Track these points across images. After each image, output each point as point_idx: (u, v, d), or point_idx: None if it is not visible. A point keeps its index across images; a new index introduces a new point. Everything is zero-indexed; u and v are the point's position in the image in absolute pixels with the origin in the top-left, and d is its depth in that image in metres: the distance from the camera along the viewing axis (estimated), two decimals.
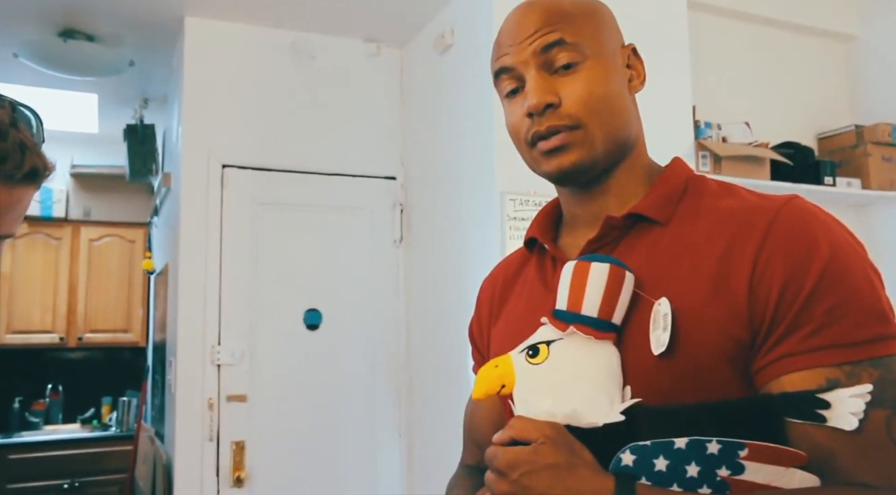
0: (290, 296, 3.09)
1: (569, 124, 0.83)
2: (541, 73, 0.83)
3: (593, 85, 0.83)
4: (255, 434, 2.95)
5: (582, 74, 0.83)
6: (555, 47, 0.83)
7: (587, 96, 0.82)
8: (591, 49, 0.84)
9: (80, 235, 4.71)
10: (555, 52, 0.83)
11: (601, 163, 0.86)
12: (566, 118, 0.83)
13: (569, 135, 0.83)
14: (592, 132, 0.83)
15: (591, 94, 0.82)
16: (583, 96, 0.82)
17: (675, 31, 2.83)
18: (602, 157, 0.85)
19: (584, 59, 0.83)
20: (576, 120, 0.83)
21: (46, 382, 4.75)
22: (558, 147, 0.84)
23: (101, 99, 4.07)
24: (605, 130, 0.84)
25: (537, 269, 0.95)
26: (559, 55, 0.83)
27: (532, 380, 0.75)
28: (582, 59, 0.83)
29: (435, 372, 2.99)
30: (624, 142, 0.87)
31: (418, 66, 3.26)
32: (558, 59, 0.83)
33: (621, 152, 0.87)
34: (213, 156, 3.04)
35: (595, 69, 0.83)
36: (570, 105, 0.82)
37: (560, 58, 0.83)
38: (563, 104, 0.83)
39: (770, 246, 0.74)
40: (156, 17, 3.05)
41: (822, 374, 0.70)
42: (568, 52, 0.83)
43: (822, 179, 3.06)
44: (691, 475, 0.68)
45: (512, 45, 0.86)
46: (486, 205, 2.60)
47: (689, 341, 0.74)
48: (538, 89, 0.83)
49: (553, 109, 0.83)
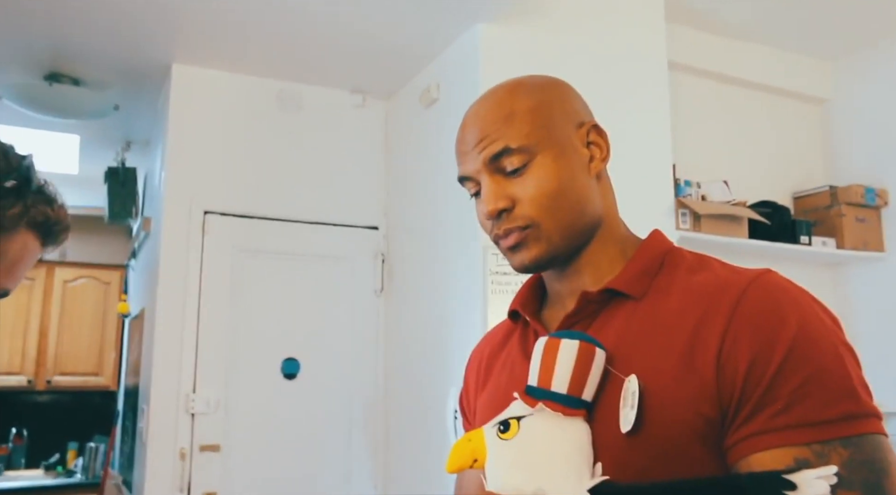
0: (267, 345, 3.06)
1: (523, 225, 0.86)
2: (494, 178, 0.87)
3: (543, 183, 0.85)
4: (229, 485, 2.89)
5: (531, 174, 0.85)
6: (502, 156, 0.86)
7: (538, 196, 0.85)
8: (539, 145, 0.86)
9: (55, 275, 4.66)
10: (503, 159, 0.86)
11: (562, 252, 0.88)
12: (520, 219, 0.86)
13: (521, 235, 0.86)
14: (547, 228, 0.86)
15: (542, 193, 0.85)
16: (534, 197, 0.85)
17: (656, 91, 2.90)
18: (563, 248, 0.87)
19: (533, 157, 0.86)
20: (528, 220, 0.86)
21: (10, 426, 4.63)
22: (515, 245, 0.87)
23: (83, 140, 4.07)
24: (560, 224, 0.86)
25: (520, 341, 0.95)
26: (507, 161, 0.86)
27: (502, 456, 0.74)
28: (530, 159, 0.86)
29: (413, 424, 2.96)
30: (585, 227, 0.89)
31: (403, 118, 3.30)
32: (508, 164, 0.86)
33: (585, 235, 0.89)
34: (195, 201, 3.03)
35: (543, 167, 0.86)
36: (523, 207, 0.86)
37: (509, 163, 0.86)
38: (517, 207, 0.86)
39: (737, 322, 0.75)
40: (143, 62, 3.08)
41: (789, 454, 0.70)
42: (514, 156, 0.85)
43: (798, 238, 3.11)
44: None
45: (465, 154, 0.90)
46: (468, 258, 2.61)
47: (658, 419, 0.74)
48: (491, 196, 0.86)
49: (508, 212, 0.86)
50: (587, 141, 0.90)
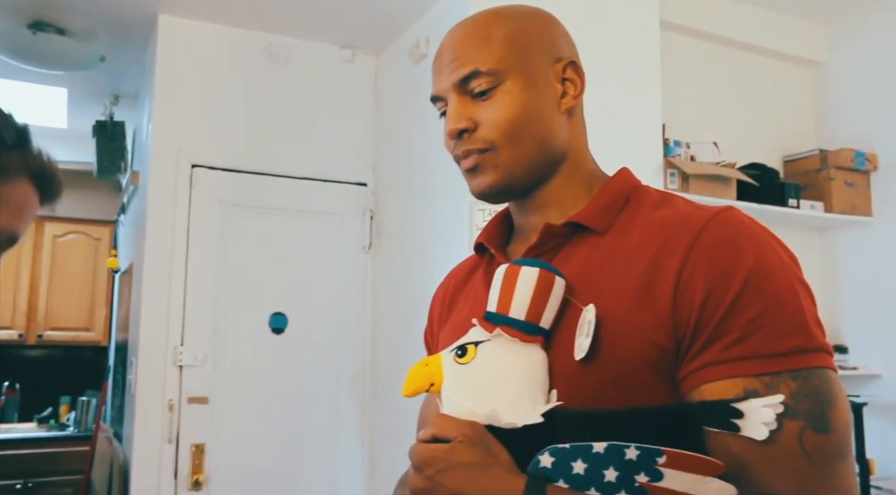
0: (255, 299, 3.07)
1: (481, 147, 0.87)
2: (461, 99, 0.87)
3: (507, 109, 0.85)
4: (216, 437, 2.93)
5: (497, 99, 0.86)
6: (471, 78, 0.86)
7: (500, 121, 0.85)
8: (510, 72, 0.86)
9: (45, 231, 4.65)
10: (471, 82, 0.86)
11: (518, 182, 0.88)
12: (479, 142, 0.87)
13: (479, 157, 0.87)
14: (504, 154, 0.86)
15: (504, 118, 0.85)
16: (496, 121, 0.85)
17: (648, 50, 2.87)
18: (518, 178, 0.88)
19: (501, 82, 0.86)
20: (488, 143, 0.86)
21: (3, 380, 4.67)
22: (472, 168, 0.88)
23: (70, 94, 4.03)
24: (519, 151, 0.86)
25: (484, 274, 0.96)
26: (475, 83, 0.86)
27: (458, 380, 0.76)
28: (498, 83, 0.86)
29: (399, 379, 2.96)
30: (546, 161, 0.89)
31: (393, 73, 3.27)
32: (475, 86, 0.86)
33: (545, 168, 0.89)
34: (182, 155, 3.02)
35: (510, 93, 0.86)
36: (484, 130, 0.86)
37: (477, 85, 0.86)
38: (479, 129, 0.86)
39: (695, 255, 0.75)
40: (129, 13, 3.04)
41: (740, 384, 0.71)
42: (483, 79, 0.86)
43: (786, 201, 3.11)
44: (609, 480, 0.68)
45: (438, 72, 0.91)
46: (455, 214, 2.61)
47: (612, 348, 0.75)
48: (453, 115, 0.87)
49: (469, 133, 0.87)
50: (563, 76, 0.90)
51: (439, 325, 1.03)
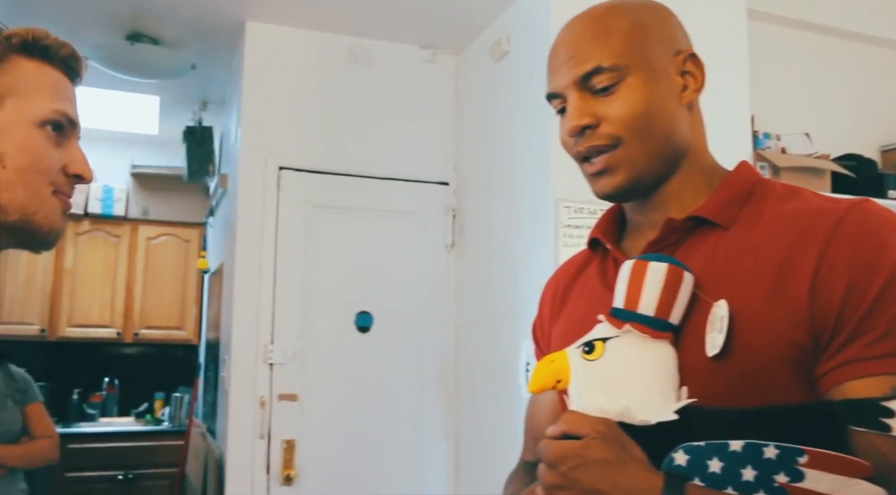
0: (341, 298, 3.13)
1: (608, 144, 0.85)
2: (582, 95, 0.86)
3: (631, 104, 0.84)
4: (305, 433, 2.99)
5: (620, 94, 0.84)
6: (592, 75, 0.85)
7: (625, 116, 0.84)
8: (632, 66, 0.85)
9: (139, 233, 4.84)
10: (593, 78, 0.85)
11: (646, 180, 0.87)
12: (604, 138, 0.85)
13: (610, 157, 0.85)
14: (632, 151, 0.85)
15: (628, 113, 0.84)
16: (620, 116, 0.84)
17: (735, 41, 2.79)
18: (647, 175, 0.86)
19: (624, 77, 0.84)
20: (613, 139, 0.85)
21: (103, 376, 4.89)
22: (602, 171, 0.86)
23: (162, 101, 4.20)
24: (644, 147, 0.85)
25: (598, 269, 0.95)
26: (597, 79, 0.85)
27: (586, 376, 0.75)
28: (621, 79, 0.84)
29: (484, 378, 2.99)
30: (671, 155, 0.87)
31: (473, 72, 3.28)
32: (597, 83, 0.85)
33: (670, 164, 0.87)
34: (270, 158, 3.10)
35: (634, 87, 0.84)
36: (608, 126, 0.85)
37: (599, 81, 0.85)
38: (602, 125, 0.85)
39: (834, 249, 0.73)
40: (218, 21, 3.14)
41: (887, 382, 0.68)
42: (605, 75, 0.84)
43: (885, 192, 2.97)
44: (747, 479, 0.67)
45: (555, 69, 0.89)
46: (540, 212, 2.60)
47: (746, 344, 0.73)
48: (576, 112, 0.86)
49: (592, 130, 0.85)
50: (682, 69, 0.89)
51: (550, 320, 1.03)
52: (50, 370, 4.64)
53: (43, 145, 0.80)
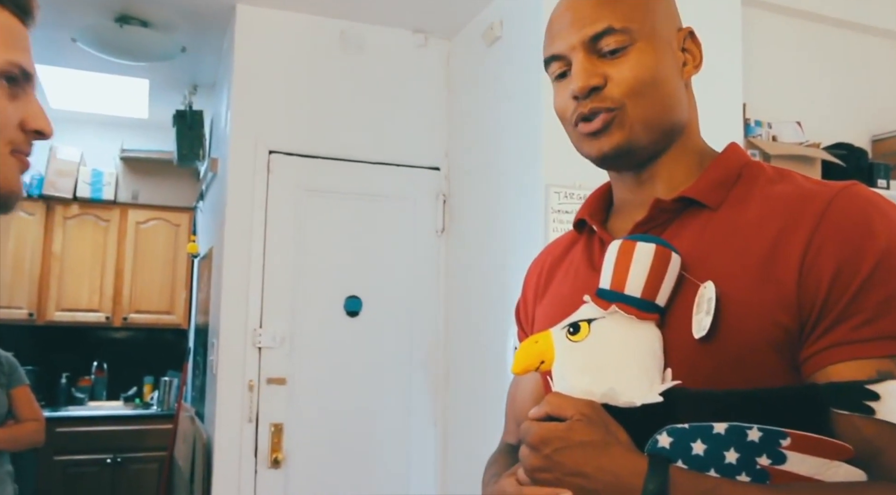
0: (331, 283, 3.12)
1: (611, 106, 0.84)
2: (588, 57, 0.85)
3: (639, 69, 0.83)
4: (293, 417, 2.99)
5: (629, 58, 0.83)
6: (603, 36, 0.84)
7: (632, 80, 0.83)
8: (641, 32, 0.84)
9: (128, 218, 4.81)
10: (602, 39, 0.84)
11: (644, 147, 0.86)
12: (609, 100, 0.84)
13: (609, 116, 0.84)
14: (634, 115, 0.84)
15: (636, 77, 0.83)
16: (627, 79, 0.83)
17: (728, 28, 2.79)
18: (645, 141, 0.85)
19: (633, 42, 0.84)
20: (618, 102, 0.83)
21: (92, 360, 4.87)
22: (599, 130, 0.84)
23: (151, 84, 4.16)
24: (647, 114, 0.84)
25: (584, 250, 0.95)
26: (607, 41, 0.84)
27: (571, 357, 0.75)
28: (630, 43, 0.84)
29: (472, 362, 3.00)
30: (670, 128, 0.86)
31: (465, 57, 3.26)
32: (606, 45, 0.84)
33: (667, 137, 0.87)
34: (260, 141, 3.08)
35: (643, 52, 0.84)
36: (614, 87, 0.83)
37: (607, 43, 0.84)
38: (608, 87, 0.84)
39: (823, 232, 0.72)
40: (208, 3, 3.10)
41: (872, 365, 0.68)
42: (616, 37, 0.83)
43: (875, 182, 2.98)
44: (730, 461, 0.67)
45: (559, 31, 0.87)
46: (529, 197, 2.59)
47: (733, 326, 0.73)
48: (583, 73, 0.84)
49: (597, 92, 0.84)
50: (682, 46, 0.89)
51: (534, 301, 1.02)
52: (38, 354, 4.62)
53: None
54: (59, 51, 3.58)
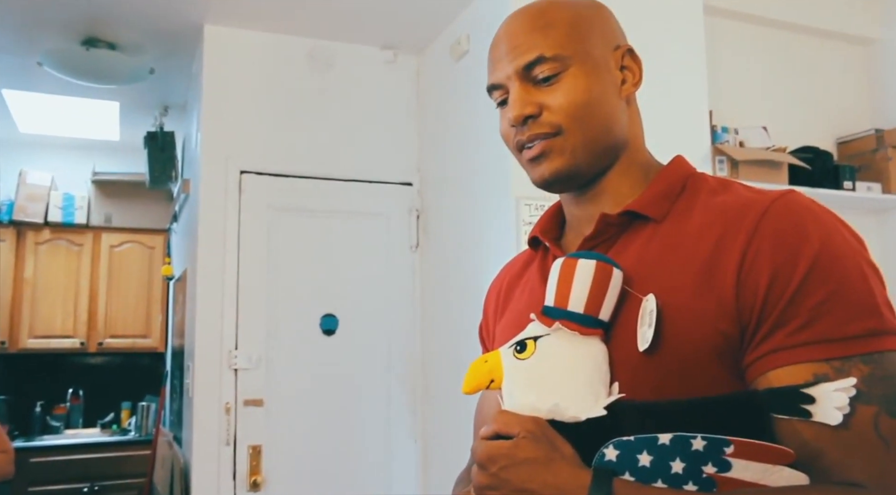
0: (306, 302, 3.11)
1: (548, 132, 0.86)
2: (524, 86, 0.87)
3: (573, 93, 0.85)
4: (272, 438, 2.97)
5: (562, 84, 0.85)
6: (535, 65, 0.86)
7: (567, 105, 0.85)
8: (574, 58, 0.86)
9: (101, 241, 4.77)
10: (535, 68, 0.86)
11: (584, 169, 0.87)
12: (546, 126, 0.86)
13: (548, 144, 0.86)
14: (572, 139, 0.85)
15: (570, 103, 0.85)
16: (562, 105, 0.85)
17: (691, 36, 2.82)
18: (584, 164, 0.87)
19: (565, 68, 0.85)
20: (555, 127, 0.85)
21: (67, 387, 4.80)
22: (538, 155, 0.87)
23: (122, 107, 4.14)
24: (585, 137, 0.86)
25: (539, 267, 0.96)
26: (539, 69, 0.86)
27: (518, 375, 0.75)
28: (562, 69, 0.85)
29: (450, 377, 2.99)
30: (610, 147, 0.88)
31: (434, 72, 3.28)
32: (539, 73, 0.86)
33: (608, 156, 0.88)
34: (231, 162, 3.07)
35: (576, 77, 0.85)
36: (550, 115, 0.85)
37: (540, 71, 0.86)
38: (543, 114, 0.86)
39: (759, 239, 0.74)
40: (176, 25, 3.10)
41: (809, 370, 0.69)
42: (548, 65, 0.85)
43: (841, 184, 3.02)
44: (676, 471, 0.67)
45: (497, 61, 0.90)
46: (501, 210, 2.60)
47: (676, 337, 0.73)
48: (518, 102, 0.86)
49: (534, 120, 0.86)
50: (621, 64, 0.90)
51: (495, 320, 1.03)
52: (11, 383, 4.55)
53: None
54: (25, 75, 3.56)
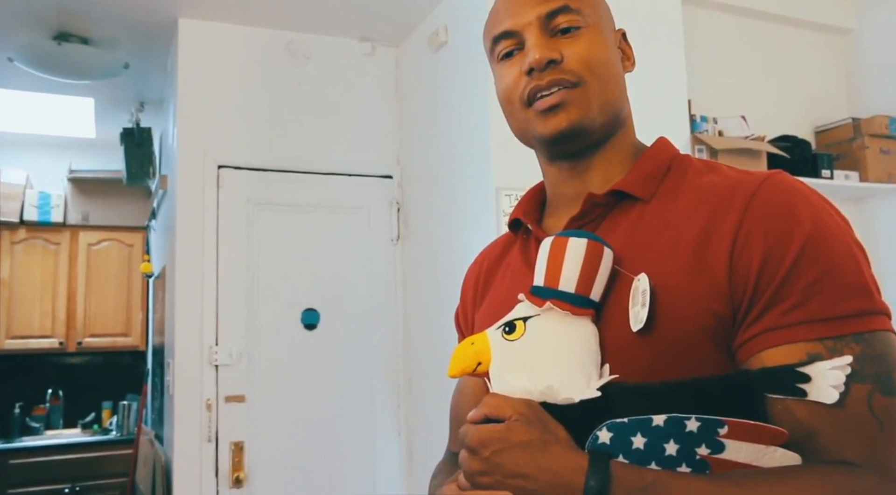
0: (287, 296, 3.08)
1: (571, 80, 0.84)
2: (543, 34, 0.85)
3: (594, 48, 0.85)
4: (254, 434, 2.94)
5: (584, 37, 0.85)
6: (559, 13, 0.84)
7: (589, 56, 0.84)
8: (591, 18, 0.86)
9: (79, 240, 4.70)
10: (558, 18, 0.85)
11: (596, 128, 0.86)
12: (568, 73, 0.84)
13: (568, 93, 0.84)
14: (591, 92, 0.84)
15: (593, 55, 0.84)
16: (585, 55, 0.84)
17: (670, 26, 2.83)
18: (598, 122, 0.85)
19: (586, 25, 0.85)
20: (577, 76, 0.84)
21: (47, 387, 4.74)
22: (556, 104, 0.84)
23: (97, 103, 4.08)
24: (603, 93, 0.85)
25: (521, 250, 0.94)
26: (562, 19, 0.85)
27: (508, 357, 0.74)
28: (584, 25, 0.85)
29: (433, 370, 2.98)
30: (617, 113, 0.88)
31: (413, 64, 3.26)
32: (561, 23, 0.85)
33: (613, 124, 0.88)
34: (208, 156, 3.03)
35: (596, 35, 0.86)
36: (572, 62, 0.84)
37: (562, 21, 0.85)
38: (565, 61, 0.84)
39: (750, 220, 0.73)
40: (150, 18, 3.05)
41: (802, 349, 0.69)
42: (570, 16, 0.85)
43: (819, 172, 3.05)
44: (670, 453, 0.66)
45: (514, 7, 0.87)
46: (481, 201, 2.59)
47: (668, 317, 0.73)
48: (541, 46, 0.84)
49: (555, 65, 0.84)
50: (618, 45, 0.92)
51: (473, 306, 1.01)
52: None
53: None
54: None
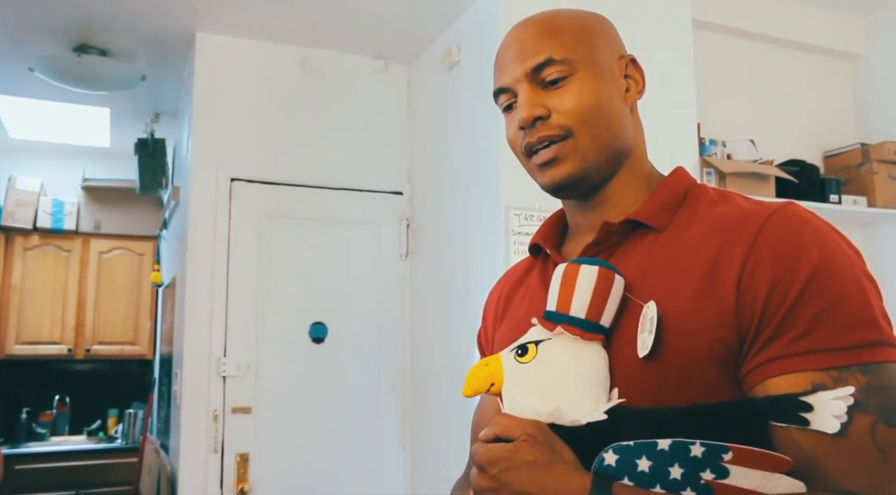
0: (295, 310, 3.11)
1: (559, 134, 0.86)
2: (532, 88, 0.88)
3: (582, 96, 0.86)
4: (260, 446, 2.96)
5: (571, 87, 0.86)
6: (544, 67, 0.87)
7: (576, 107, 0.86)
8: (581, 62, 0.87)
9: (90, 248, 4.74)
10: (544, 71, 0.87)
11: (595, 173, 0.88)
12: (556, 128, 0.86)
13: (560, 148, 0.86)
14: (583, 142, 0.86)
15: (580, 105, 0.86)
16: (572, 107, 0.86)
17: (681, 49, 2.86)
18: (595, 167, 0.88)
19: (574, 72, 0.87)
20: (565, 129, 0.86)
21: (54, 393, 4.77)
22: (551, 159, 0.87)
23: (113, 113, 4.13)
24: (595, 140, 0.87)
25: (540, 274, 0.97)
26: (547, 72, 0.87)
27: (519, 379, 0.76)
28: (571, 73, 0.87)
29: (439, 386, 2.99)
30: (618, 152, 0.89)
31: (425, 82, 3.29)
32: (547, 75, 0.87)
33: (616, 161, 0.89)
34: (221, 169, 3.07)
35: (584, 81, 0.87)
36: (559, 116, 0.86)
37: (549, 74, 0.87)
38: (553, 116, 0.86)
39: (759, 250, 0.75)
40: (168, 32, 3.10)
41: (807, 378, 0.70)
42: (556, 67, 0.86)
43: (827, 197, 3.06)
44: (674, 477, 0.68)
45: (505, 65, 0.91)
46: (491, 219, 2.62)
47: (675, 344, 0.74)
48: (528, 103, 0.87)
49: (543, 121, 0.87)
50: (625, 73, 0.92)
51: (494, 327, 1.04)
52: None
53: None
54: (16, 80, 3.54)
